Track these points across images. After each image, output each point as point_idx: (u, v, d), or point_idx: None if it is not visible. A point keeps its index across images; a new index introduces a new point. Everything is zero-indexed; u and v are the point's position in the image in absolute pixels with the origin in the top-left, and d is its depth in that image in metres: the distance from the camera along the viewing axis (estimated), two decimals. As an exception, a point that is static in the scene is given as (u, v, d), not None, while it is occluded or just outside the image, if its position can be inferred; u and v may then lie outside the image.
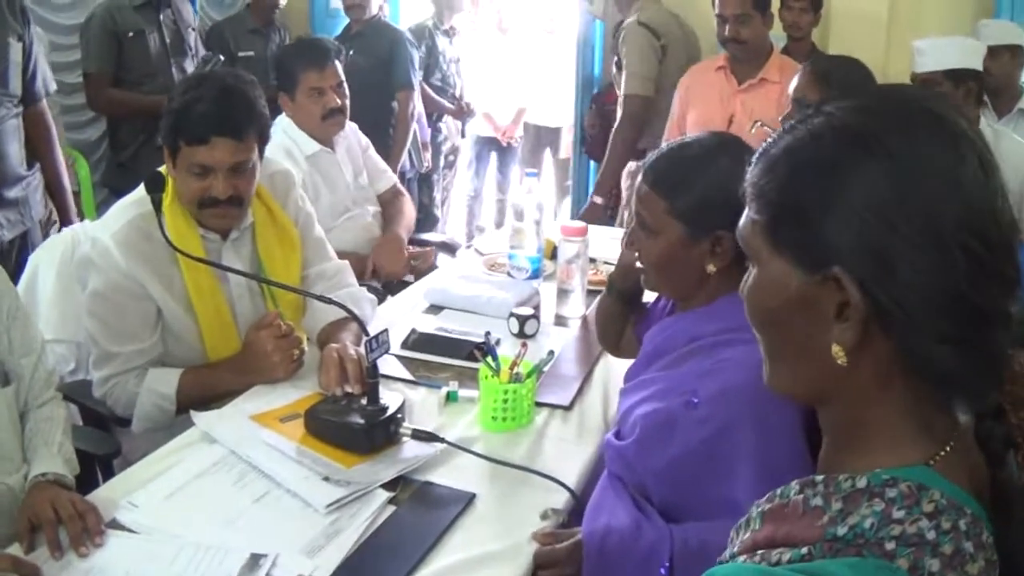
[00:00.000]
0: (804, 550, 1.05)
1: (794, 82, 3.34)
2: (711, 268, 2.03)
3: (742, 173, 1.19)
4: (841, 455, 1.13)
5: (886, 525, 1.01)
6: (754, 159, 1.17)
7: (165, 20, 5.04)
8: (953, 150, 1.04)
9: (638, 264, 2.18)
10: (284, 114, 4.00)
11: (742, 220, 1.17)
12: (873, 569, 0.99)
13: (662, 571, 1.93)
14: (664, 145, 2.17)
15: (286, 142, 3.89)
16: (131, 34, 4.92)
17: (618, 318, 2.55)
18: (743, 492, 1.80)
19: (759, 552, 1.11)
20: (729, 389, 1.90)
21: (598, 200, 5.12)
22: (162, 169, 2.68)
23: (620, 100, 5.17)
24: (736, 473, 1.87)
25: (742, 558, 1.14)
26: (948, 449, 1.08)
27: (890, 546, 1.00)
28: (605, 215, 5.20)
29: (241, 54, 5.65)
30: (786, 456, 1.78)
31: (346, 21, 5.93)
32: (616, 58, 5.28)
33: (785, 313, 1.12)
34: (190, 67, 5.05)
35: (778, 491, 1.16)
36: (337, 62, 4.00)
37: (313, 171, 3.93)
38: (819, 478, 1.10)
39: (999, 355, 1.07)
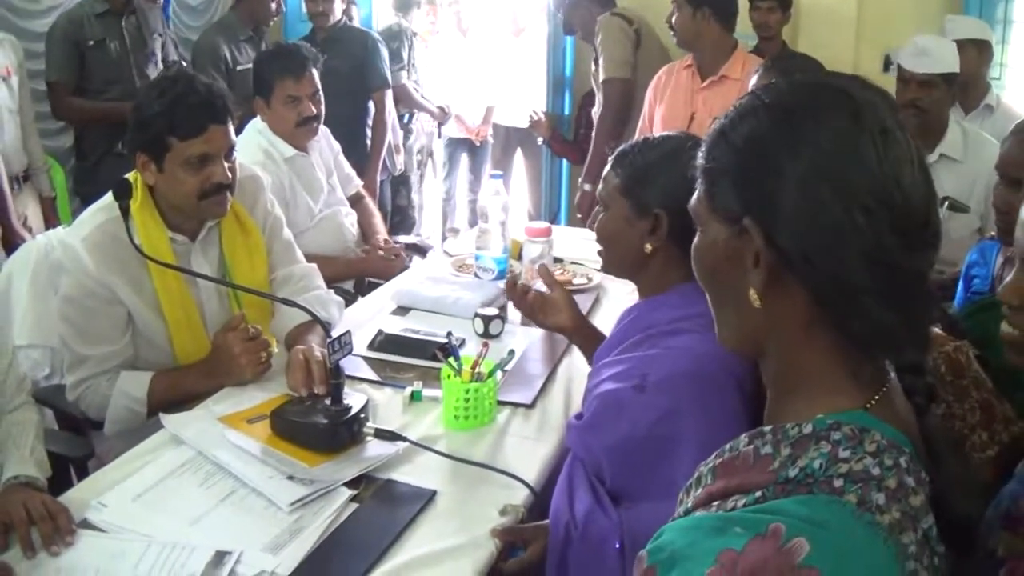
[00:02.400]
0: (758, 493, 1.14)
1: (753, 79, 3.41)
2: (648, 247, 2.16)
3: (688, 162, 1.34)
4: (782, 404, 1.24)
5: (833, 464, 1.10)
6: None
7: (128, 27, 5.07)
8: (853, 123, 1.15)
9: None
10: (259, 117, 4.04)
11: (699, 199, 1.29)
12: (824, 503, 1.07)
13: (616, 547, 2.02)
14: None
15: (264, 144, 3.94)
16: (92, 43, 4.96)
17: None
18: (683, 477, 1.87)
19: (715, 503, 1.21)
20: (675, 375, 2.02)
21: (587, 187, 5.19)
22: (129, 176, 2.73)
23: (599, 87, 5.28)
24: (679, 456, 1.95)
25: (699, 511, 1.23)
26: (881, 395, 1.18)
27: (838, 483, 1.09)
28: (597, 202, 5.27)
29: (240, 68, 5.47)
30: (727, 441, 1.86)
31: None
32: (595, 53, 5.37)
33: (719, 266, 1.25)
34: (154, 74, 5.06)
35: (727, 446, 1.28)
36: (314, 70, 4.04)
37: (292, 173, 3.97)
38: (767, 428, 1.21)
39: (913, 313, 1.16)
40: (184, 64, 5.39)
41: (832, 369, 1.19)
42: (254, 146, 3.90)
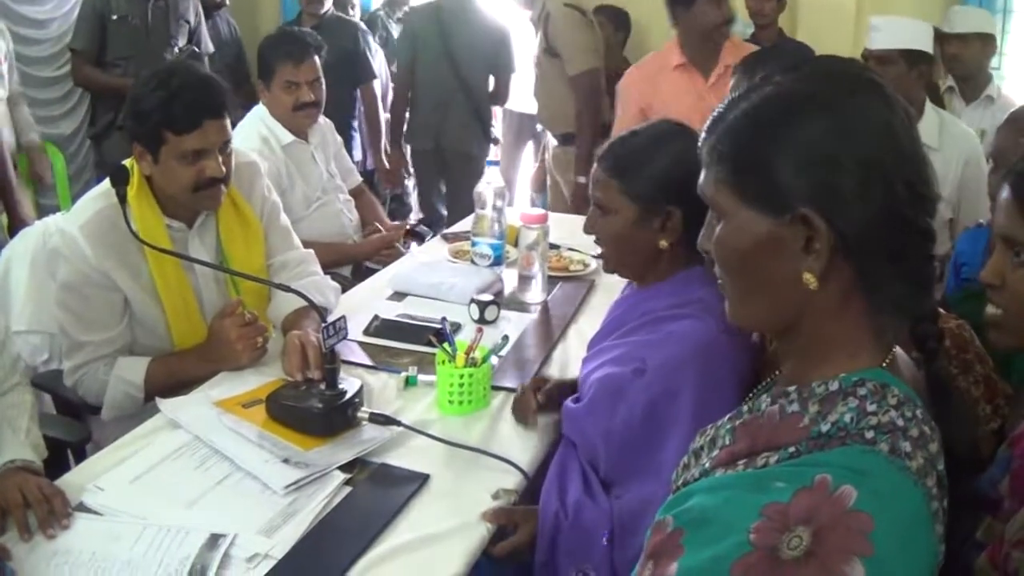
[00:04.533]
0: (792, 449, 1.21)
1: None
2: (663, 243, 2.18)
3: (689, 153, 1.42)
4: (804, 368, 1.31)
5: (864, 417, 1.19)
6: (708, 126, 1.34)
7: (154, 9, 5.18)
8: (886, 106, 1.24)
9: (598, 248, 2.34)
10: (260, 103, 4.07)
11: (703, 181, 1.34)
12: (859, 453, 1.16)
13: (604, 536, 2.06)
14: (618, 135, 2.32)
15: (263, 130, 3.98)
16: (115, 17, 5.13)
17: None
18: (673, 455, 1.91)
19: (741, 462, 1.27)
20: (673, 358, 2.06)
21: (582, 180, 5.20)
22: (126, 162, 2.74)
23: (569, 82, 5.31)
24: (672, 436, 2.01)
25: (720, 471, 1.29)
26: (892, 355, 1.27)
27: (870, 435, 1.17)
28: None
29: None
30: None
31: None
32: (544, 45, 5.37)
33: (756, 254, 1.28)
34: (169, 59, 5.13)
35: (744, 407, 1.35)
36: (316, 57, 4.07)
37: (288, 160, 4.00)
38: (790, 388, 1.28)
39: (931, 265, 1.29)
40: (196, 51, 5.43)
41: (860, 333, 1.27)
42: (253, 132, 3.94)
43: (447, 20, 5.63)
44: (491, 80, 5.83)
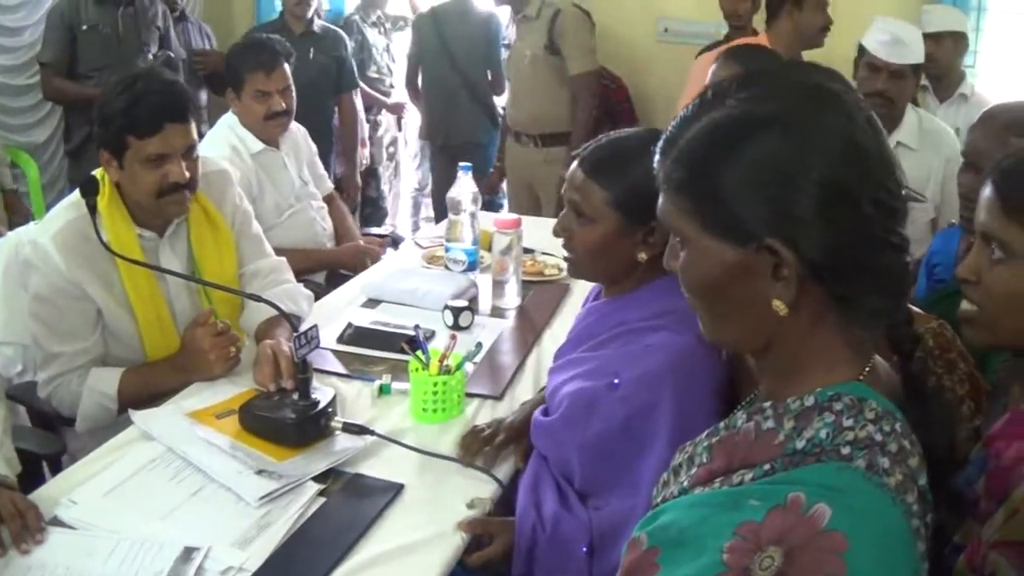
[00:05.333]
0: (767, 467, 1.19)
1: (712, 68, 3.41)
2: (642, 256, 2.11)
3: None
4: (780, 384, 1.28)
5: (840, 433, 1.17)
6: (662, 147, 1.30)
7: (123, 16, 5.11)
8: (848, 119, 1.19)
9: (566, 253, 2.26)
10: (231, 111, 4.05)
11: (661, 206, 1.31)
12: (835, 469, 1.13)
13: (583, 548, 2.05)
14: (600, 137, 2.21)
15: (232, 139, 3.95)
16: (85, 27, 5.04)
17: None
18: (650, 472, 1.90)
19: (718, 479, 1.26)
20: (650, 372, 2.01)
21: None
22: (96, 172, 2.74)
23: (569, 82, 5.33)
24: (651, 451, 1.98)
25: (698, 489, 1.28)
26: (869, 367, 1.25)
27: (846, 451, 1.15)
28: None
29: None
30: (696, 436, 1.89)
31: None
32: (546, 42, 5.35)
33: (723, 282, 1.25)
34: (142, 65, 5.07)
35: (721, 424, 1.33)
36: (286, 65, 4.05)
37: (259, 168, 3.98)
38: (766, 404, 1.26)
39: (906, 273, 1.26)
40: (171, 56, 5.40)
41: (835, 348, 1.24)
42: (222, 141, 3.92)
43: (444, 20, 6.02)
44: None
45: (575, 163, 2.19)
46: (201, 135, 3.04)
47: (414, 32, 6.26)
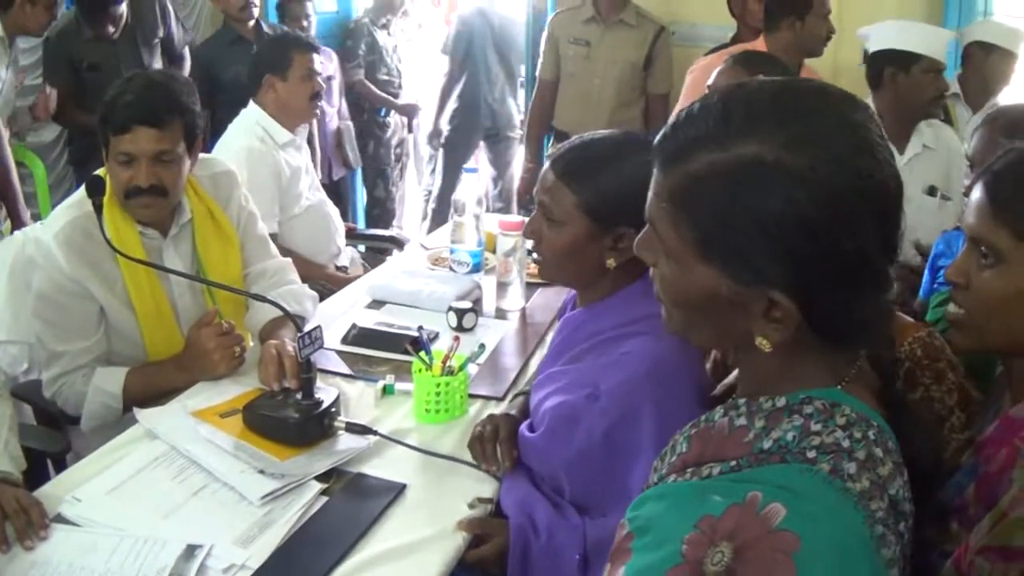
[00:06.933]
0: (733, 463, 1.21)
1: (713, 75, 3.40)
2: (611, 263, 2.09)
3: (648, 172, 1.26)
4: (756, 384, 1.29)
5: (806, 437, 1.17)
6: (667, 155, 1.23)
7: (120, 51, 5.14)
8: (869, 155, 1.15)
9: (535, 256, 2.25)
10: (252, 106, 4.06)
11: (655, 212, 1.25)
12: (798, 472, 1.14)
13: (576, 557, 2.03)
14: (575, 138, 2.18)
15: (259, 131, 3.98)
16: (86, 65, 5.07)
17: None
18: (638, 482, 1.88)
19: (689, 470, 1.27)
20: (629, 380, 1.99)
21: None
22: (100, 172, 2.75)
23: (653, 97, 5.39)
24: (637, 461, 1.95)
25: (671, 478, 1.29)
26: (853, 373, 1.24)
27: (811, 454, 1.16)
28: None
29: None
30: None
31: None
32: (647, 53, 5.30)
33: (708, 307, 1.23)
34: None
35: (702, 417, 1.34)
36: None
37: (285, 160, 4.02)
38: (741, 401, 1.27)
39: (891, 315, 1.26)
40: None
41: (812, 363, 1.24)
42: (249, 131, 3.97)
43: (491, 15, 6.65)
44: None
45: (547, 163, 2.16)
46: (204, 140, 3.03)
47: (461, 30, 6.57)
